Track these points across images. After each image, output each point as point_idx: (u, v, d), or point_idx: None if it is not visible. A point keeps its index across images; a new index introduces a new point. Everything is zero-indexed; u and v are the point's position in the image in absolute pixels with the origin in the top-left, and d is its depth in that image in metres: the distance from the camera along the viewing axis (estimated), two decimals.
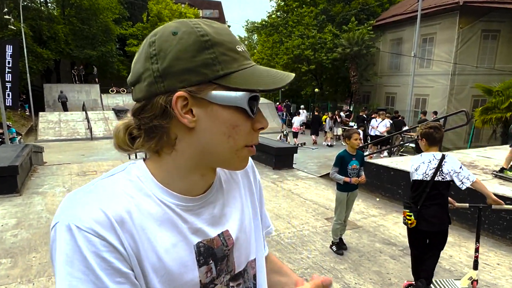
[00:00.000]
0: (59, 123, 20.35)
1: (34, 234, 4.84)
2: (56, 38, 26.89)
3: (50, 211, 5.72)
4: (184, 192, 0.70)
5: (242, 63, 0.64)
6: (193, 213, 0.70)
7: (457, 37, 17.84)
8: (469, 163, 6.65)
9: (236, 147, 0.66)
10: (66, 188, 7.01)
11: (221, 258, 0.73)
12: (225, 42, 0.63)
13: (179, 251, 0.66)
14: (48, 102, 25.28)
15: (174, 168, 0.68)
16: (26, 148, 8.29)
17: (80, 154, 13.80)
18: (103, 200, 0.61)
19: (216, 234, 0.73)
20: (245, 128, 0.65)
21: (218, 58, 0.61)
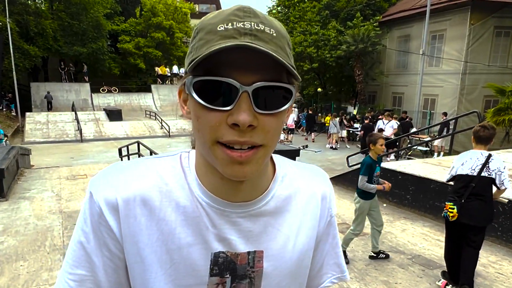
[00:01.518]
0: (47, 124, 20.37)
1: (21, 241, 4.84)
2: (44, 34, 26.89)
3: (38, 217, 5.72)
4: (219, 194, 0.68)
5: (213, 44, 0.56)
6: (228, 220, 0.68)
7: (468, 34, 17.88)
8: None
9: (207, 143, 0.60)
10: (54, 193, 7.02)
11: (241, 277, 0.70)
12: (209, 25, 0.59)
13: (193, 253, 0.67)
14: (35, 101, 25.33)
15: (197, 162, 0.71)
16: (12, 150, 8.30)
17: (69, 157, 13.82)
18: (127, 181, 0.67)
19: (246, 251, 0.70)
20: (209, 119, 0.58)
21: (195, 45, 0.60)
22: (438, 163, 7.18)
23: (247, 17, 0.59)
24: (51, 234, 5.10)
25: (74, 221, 5.56)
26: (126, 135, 19.78)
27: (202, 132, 0.60)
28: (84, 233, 0.66)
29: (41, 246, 4.71)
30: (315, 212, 0.79)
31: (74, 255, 0.66)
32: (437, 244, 4.96)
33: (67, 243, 4.79)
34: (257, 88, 0.57)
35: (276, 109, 0.59)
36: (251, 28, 0.57)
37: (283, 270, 0.74)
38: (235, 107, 0.57)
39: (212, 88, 0.57)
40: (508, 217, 4.81)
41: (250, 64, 0.57)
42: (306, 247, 0.77)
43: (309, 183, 0.80)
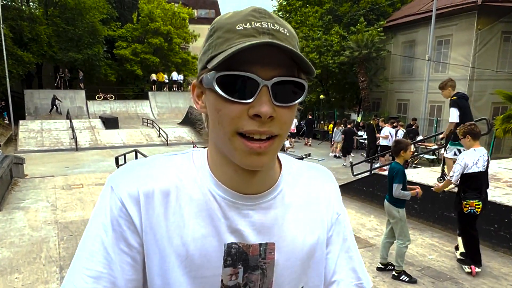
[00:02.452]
0: (41, 132, 20.41)
1: (16, 252, 4.85)
2: (38, 40, 26.98)
3: (33, 228, 5.73)
4: (232, 187, 0.73)
5: (233, 42, 0.64)
6: (239, 212, 0.74)
7: (475, 39, 18.00)
8: (491, 175, 6.68)
9: (226, 134, 0.66)
10: (50, 203, 7.03)
11: (253, 268, 0.75)
12: (227, 24, 0.66)
13: (207, 244, 0.71)
14: (29, 109, 25.41)
15: (211, 155, 0.76)
16: (6, 159, 8.33)
17: (64, 166, 13.83)
18: (146, 177, 0.73)
19: (257, 242, 0.75)
20: (231, 111, 0.64)
21: (213, 43, 0.67)
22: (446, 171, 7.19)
23: (263, 18, 0.66)
24: (46, 245, 5.10)
25: (70, 232, 5.57)
26: (123, 144, 19.80)
27: (222, 124, 0.66)
28: (103, 226, 0.70)
29: (37, 258, 4.71)
30: (321, 206, 0.84)
31: (91, 249, 0.69)
32: (446, 255, 4.96)
33: (63, 254, 4.79)
34: (276, 82, 0.63)
35: (291, 102, 0.66)
36: (268, 28, 0.64)
37: (294, 262, 0.78)
38: (256, 100, 0.63)
39: (234, 83, 0.63)
40: None
41: (269, 60, 0.63)
42: (316, 240, 0.81)
43: (314, 179, 0.87)
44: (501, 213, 5.06)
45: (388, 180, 4.49)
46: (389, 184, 4.48)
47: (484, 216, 5.26)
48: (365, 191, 7.74)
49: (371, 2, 24.87)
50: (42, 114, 25.23)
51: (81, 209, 6.69)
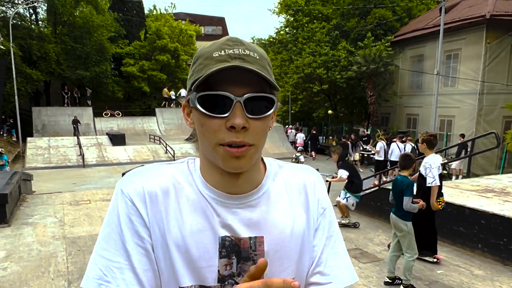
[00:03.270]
0: (49, 149, 20.71)
1: (25, 267, 4.96)
2: (47, 58, 27.49)
3: (42, 243, 5.85)
4: (220, 188, 0.86)
5: (210, 67, 0.76)
6: (228, 210, 0.86)
7: (484, 53, 18.09)
8: (501, 189, 6.72)
9: (210, 145, 0.80)
10: (58, 219, 7.17)
11: (245, 258, 0.85)
12: (207, 52, 0.80)
13: (203, 237, 0.83)
14: (36, 126, 25.78)
15: (201, 164, 0.90)
16: (15, 175, 8.51)
17: (72, 183, 14.03)
18: (149, 178, 0.86)
19: (247, 236, 0.86)
20: (212, 126, 0.78)
21: (196, 69, 0.81)
22: (455, 186, 7.23)
23: (235, 45, 0.80)
24: (55, 260, 5.21)
25: (78, 246, 5.69)
26: (130, 160, 20.01)
27: (206, 136, 0.80)
28: (118, 224, 0.82)
29: (45, 272, 4.82)
30: (306, 199, 0.95)
31: (110, 245, 0.81)
32: (455, 270, 4.98)
33: (72, 269, 4.90)
34: (247, 98, 0.76)
35: (262, 114, 0.79)
36: (239, 53, 0.78)
37: (284, 253, 0.88)
38: (231, 114, 0.76)
39: (213, 101, 0.77)
40: None
41: (240, 80, 0.76)
42: (302, 232, 0.91)
43: (298, 176, 0.98)
44: (510, 228, 5.09)
45: (396, 193, 4.56)
46: (397, 197, 4.55)
47: (493, 230, 5.30)
48: (373, 205, 7.78)
49: (378, 17, 25.12)
50: (49, 131, 25.60)
51: (88, 224, 6.81)
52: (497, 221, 5.24)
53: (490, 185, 7.09)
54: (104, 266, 0.80)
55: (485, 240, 5.37)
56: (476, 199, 6.04)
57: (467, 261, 5.29)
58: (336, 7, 28.23)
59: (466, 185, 7.22)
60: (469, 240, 5.60)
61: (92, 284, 0.79)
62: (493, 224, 5.29)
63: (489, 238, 5.32)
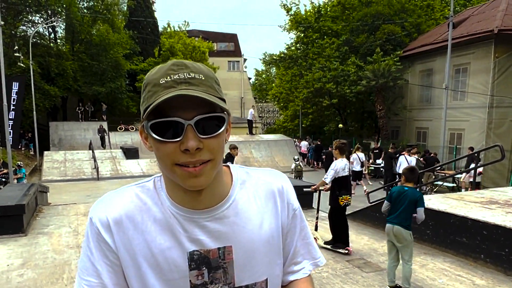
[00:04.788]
0: (65, 162, 21.09)
1: (40, 274, 5.15)
2: (64, 74, 28.11)
3: (56, 252, 6.05)
4: (186, 205, 0.90)
5: (159, 94, 0.78)
6: (197, 225, 0.90)
7: (493, 67, 18.05)
8: (505, 201, 6.73)
9: (167, 165, 0.82)
10: (72, 229, 7.37)
11: (215, 268, 0.91)
12: (153, 79, 0.82)
13: (172, 254, 0.88)
14: (53, 140, 26.29)
15: (165, 182, 0.94)
16: (32, 187, 8.78)
17: (86, 195, 14.29)
18: (115, 204, 0.92)
19: (216, 247, 0.90)
20: (166, 149, 0.80)
21: (146, 96, 0.82)
22: (460, 197, 7.26)
23: (180, 70, 0.82)
24: (68, 267, 5.39)
25: None
26: (143, 173, 20.25)
27: (162, 159, 0.82)
28: (89, 248, 0.91)
29: (59, 279, 4.99)
30: (275, 205, 1.00)
31: (84, 266, 0.91)
32: (457, 279, 5.02)
33: None
34: (197, 120, 0.79)
35: (214, 133, 0.81)
36: (184, 78, 0.80)
37: (253, 259, 0.94)
38: (184, 137, 0.78)
39: (164, 126, 0.79)
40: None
41: (189, 104, 0.79)
42: (270, 234, 0.97)
43: (266, 182, 1.02)
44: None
45: (406, 204, 4.60)
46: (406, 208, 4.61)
47: (495, 241, 5.33)
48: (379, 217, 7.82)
49: (387, 33, 25.24)
50: (65, 145, 26.07)
51: None
52: (499, 232, 5.27)
53: (494, 197, 7.11)
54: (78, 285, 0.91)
55: (488, 250, 5.40)
56: (479, 211, 6.07)
57: (470, 271, 5.32)
58: (346, 23, 28.50)
59: (470, 197, 7.25)
60: (472, 250, 5.62)
61: None
62: (495, 235, 5.32)
63: (491, 249, 5.35)
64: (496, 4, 21.11)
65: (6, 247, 6.23)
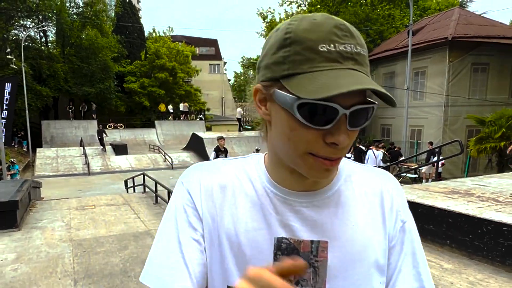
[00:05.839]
0: (57, 158, 20.43)
1: (34, 268, 4.83)
2: (56, 76, 27.40)
3: (50, 245, 5.72)
4: (283, 184, 0.70)
5: (316, 65, 0.56)
6: (291, 208, 0.69)
7: (448, 70, 18.38)
8: (465, 191, 6.77)
9: (297, 152, 0.61)
10: (65, 223, 7.02)
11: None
12: (307, 40, 0.57)
13: (257, 236, 0.68)
14: (45, 138, 25.52)
15: (269, 157, 0.74)
16: (25, 183, 8.34)
17: (78, 189, 13.83)
18: (208, 173, 0.75)
19: (309, 239, 0.68)
20: (306, 135, 0.59)
21: (290, 57, 0.58)
22: (425, 188, 7.26)
23: (345, 37, 0.58)
24: (62, 261, 5.09)
25: (84, 248, 5.56)
26: (131, 168, 19.81)
27: (294, 142, 0.61)
28: (175, 214, 0.72)
29: (53, 273, 4.69)
30: (381, 209, 0.74)
31: (168, 236, 0.71)
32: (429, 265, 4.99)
33: (77, 269, 4.79)
34: (352, 110, 0.57)
35: (361, 126, 0.61)
36: (351, 52, 0.57)
37: (349, 265, 0.68)
38: (334, 128, 0.57)
39: (314, 109, 0.56)
40: (492, 237, 4.88)
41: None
42: (376, 244, 0.71)
43: (373, 182, 0.76)
44: (474, 225, 5.11)
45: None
46: None
47: (459, 228, 5.32)
48: None
49: None
50: (57, 142, 25.33)
51: (93, 227, 6.68)
52: (463, 220, 5.26)
53: (456, 187, 7.15)
54: (158, 258, 0.70)
55: (453, 237, 5.39)
56: (444, 200, 6.06)
57: (438, 256, 5.29)
58: None
59: (435, 187, 7.27)
60: (439, 237, 5.61)
61: (147, 278, 0.69)
62: (460, 222, 5.31)
63: (456, 235, 5.34)
64: (449, 14, 21.51)
65: (0, 242, 5.86)
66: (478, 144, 14.64)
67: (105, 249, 5.45)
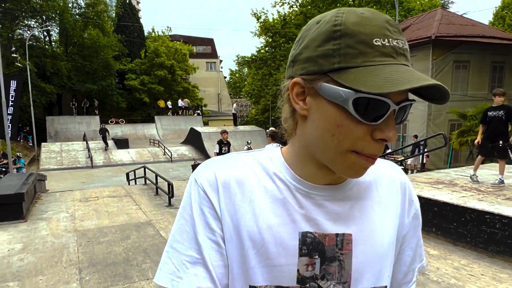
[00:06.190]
0: (61, 152, 20.22)
1: (40, 257, 4.75)
2: (59, 73, 27.11)
3: (55, 236, 5.63)
4: (307, 178, 0.65)
5: (371, 59, 0.52)
6: (314, 202, 0.64)
7: (431, 67, 18.35)
8: (449, 181, 6.77)
9: (339, 149, 0.56)
10: (69, 214, 6.92)
11: (330, 259, 0.64)
12: (360, 33, 0.52)
13: (282, 232, 0.63)
14: (50, 133, 25.24)
15: (294, 152, 0.67)
16: (31, 176, 8.21)
17: (81, 182, 13.69)
18: (224, 167, 0.67)
19: (334, 232, 0.64)
20: (354, 131, 0.54)
21: (341, 50, 0.53)
22: (412, 179, 7.27)
23: (396, 33, 0.54)
24: (67, 250, 5.01)
25: (88, 238, 5.48)
26: (132, 161, 19.66)
27: (339, 139, 0.55)
28: (191, 214, 0.65)
29: (58, 262, 4.62)
30: (397, 199, 0.71)
31: (186, 237, 0.64)
32: None
33: (82, 258, 4.71)
34: (401, 106, 0.54)
35: (402, 122, 0.58)
36: (403, 48, 0.54)
37: (373, 257, 0.66)
38: (384, 123, 0.54)
39: (368, 104, 0.52)
40: (475, 224, 4.88)
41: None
42: (392, 234, 0.69)
43: (388, 172, 0.73)
44: (458, 213, 5.11)
45: None
46: None
47: (444, 216, 5.32)
48: None
49: None
50: (61, 137, 25.07)
51: (96, 218, 6.59)
52: (448, 209, 5.25)
53: (440, 178, 7.16)
54: (176, 260, 0.64)
55: (438, 225, 5.38)
56: (429, 190, 6.06)
57: (424, 243, 5.19)
58: None
59: (421, 178, 7.27)
60: (425, 224, 5.58)
61: (164, 279, 0.64)
62: (444, 211, 5.30)
63: (441, 223, 5.34)
64: (432, 14, 21.45)
65: (6, 233, 5.75)
66: (460, 137, 14.71)
67: (108, 239, 5.38)
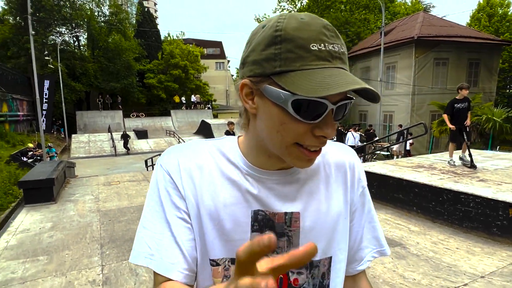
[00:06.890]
0: (89, 143, 20.29)
1: (67, 235, 4.73)
2: (87, 74, 27.09)
3: (81, 216, 5.61)
4: (259, 166, 0.64)
5: (308, 63, 0.50)
6: (264, 186, 0.63)
7: (414, 64, 18.09)
8: (429, 165, 6.64)
9: (284, 143, 0.55)
10: (94, 196, 6.91)
11: (279, 234, 0.63)
12: (298, 38, 0.50)
13: (236, 210, 0.62)
14: (79, 126, 25.33)
15: (247, 144, 0.65)
16: (61, 164, 8.20)
17: (106, 168, 13.72)
18: (185, 153, 0.66)
19: (283, 211, 0.63)
20: (295, 129, 0.53)
21: (281, 55, 0.51)
22: (395, 163, 7.14)
23: (333, 38, 0.52)
24: (90, 228, 4.99)
25: (109, 217, 5.46)
26: (151, 150, 19.67)
27: (282, 135, 0.55)
28: (159, 196, 0.63)
29: (83, 238, 4.60)
30: (345, 178, 0.70)
31: (155, 216, 0.62)
32: (396, 227, 4.89)
33: (103, 235, 4.69)
34: (339, 105, 0.53)
35: (342, 119, 0.57)
36: (339, 51, 0.52)
37: (319, 232, 0.66)
38: (322, 122, 0.53)
39: (305, 104, 0.51)
40: (451, 203, 4.77)
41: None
42: (339, 210, 0.68)
43: (337, 154, 0.71)
44: (437, 194, 5.01)
45: None
46: None
47: (424, 196, 5.21)
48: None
49: None
50: (89, 129, 25.17)
51: (117, 200, 6.56)
52: (427, 189, 5.15)
53: (421, 162, 7.03)
54: (148, 238, 0.61)
55: (419, 204, 5.29)
56: (411, 173, 5.94)
57: (406, 220, 5.19)
58: None
59: (403, 162, 7.15)
60: (407, 204, 5.51)
61: (139, 258, 0.61)
62: (424, 192, 5.20)
63: (421, 202, 5.24)
64: (415, 17, 21.05)
65: (39, 214, 5.74)
66: (440, 126, 14.48)
67: (127, 218, 5.35)
